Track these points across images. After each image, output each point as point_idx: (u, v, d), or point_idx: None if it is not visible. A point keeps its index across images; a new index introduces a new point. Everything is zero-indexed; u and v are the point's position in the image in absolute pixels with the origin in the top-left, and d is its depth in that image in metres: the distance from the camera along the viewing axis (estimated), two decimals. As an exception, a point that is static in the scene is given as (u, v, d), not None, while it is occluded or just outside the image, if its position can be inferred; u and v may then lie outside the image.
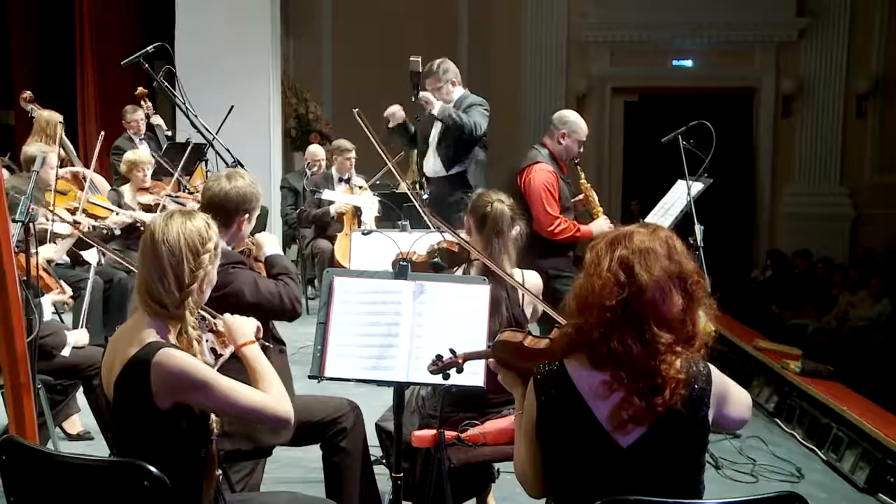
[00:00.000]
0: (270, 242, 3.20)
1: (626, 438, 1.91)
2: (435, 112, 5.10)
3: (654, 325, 1.88)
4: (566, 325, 2.03)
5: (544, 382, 1.98)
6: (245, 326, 2.36)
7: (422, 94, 5.09)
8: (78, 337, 3.92)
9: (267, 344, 2.99)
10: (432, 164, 5.32)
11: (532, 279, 3.31)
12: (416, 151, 5.50)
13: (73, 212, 5.19)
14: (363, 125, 4.43)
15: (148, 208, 5.86)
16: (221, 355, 2.35)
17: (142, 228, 5.06)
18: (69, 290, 4.13)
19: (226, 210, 2.95)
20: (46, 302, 3.93)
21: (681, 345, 1.91)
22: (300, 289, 3.09)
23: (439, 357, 2.41)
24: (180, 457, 2.14)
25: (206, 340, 2.31)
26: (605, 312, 1.89)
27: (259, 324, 2.44)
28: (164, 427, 2.09)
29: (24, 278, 3.29)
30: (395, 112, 5.23)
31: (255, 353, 2.29)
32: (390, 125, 5.25)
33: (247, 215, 3.01)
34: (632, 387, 1.88)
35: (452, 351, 2.40)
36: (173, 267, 2.14)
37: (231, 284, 2.86)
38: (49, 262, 4.29)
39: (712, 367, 1.97)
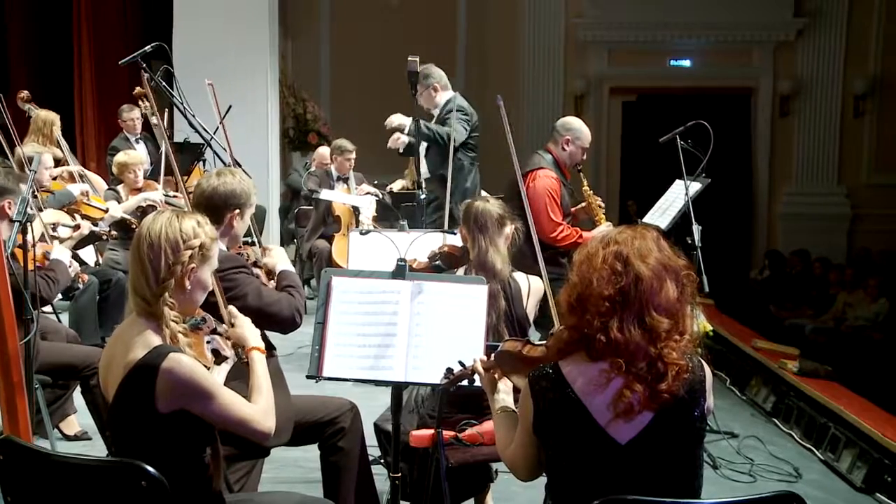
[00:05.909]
0: (282, 258, 3.23)
1: (624, 434, 1.92)
2: (405, 131, 5.21)
3: (654, 311, 1.91)
4: (560, 329, 2.05)
5: (539, 386, 1.99)
6: (256, 330, 2.40)
7: (390, 119, 5.25)
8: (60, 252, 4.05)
9: (274, 351, 3.00)
10: (423, 168, 5.37)
11: (535, 283, 3.35)
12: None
13: (71, 213, 5.17)
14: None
15: (143, 210, 5.84)
16: (226, 358, 2.35)
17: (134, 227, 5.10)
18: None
19: (214, 206, 2.93)
20: (62, 253, 4.04)
21: (677, 334, 1.94)
22: (304, 302, 3.09)
23: (450, 370, 2.51)
24: (180, 458, 2.13)
25: (208, 342, 2.30)
26: (603, 302, 1.92)
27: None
28: (163, 429, 2.08)
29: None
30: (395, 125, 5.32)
31: (261, 360, 2.33)
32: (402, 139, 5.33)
33: (237, 211, 2.98)
34: (632, 372, 1.90)
35: (461, 363, 2.49)
36: (152, 260, 2.15)
37: (234, 290, 2.85)
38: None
39: (702, 360, 2.02)
